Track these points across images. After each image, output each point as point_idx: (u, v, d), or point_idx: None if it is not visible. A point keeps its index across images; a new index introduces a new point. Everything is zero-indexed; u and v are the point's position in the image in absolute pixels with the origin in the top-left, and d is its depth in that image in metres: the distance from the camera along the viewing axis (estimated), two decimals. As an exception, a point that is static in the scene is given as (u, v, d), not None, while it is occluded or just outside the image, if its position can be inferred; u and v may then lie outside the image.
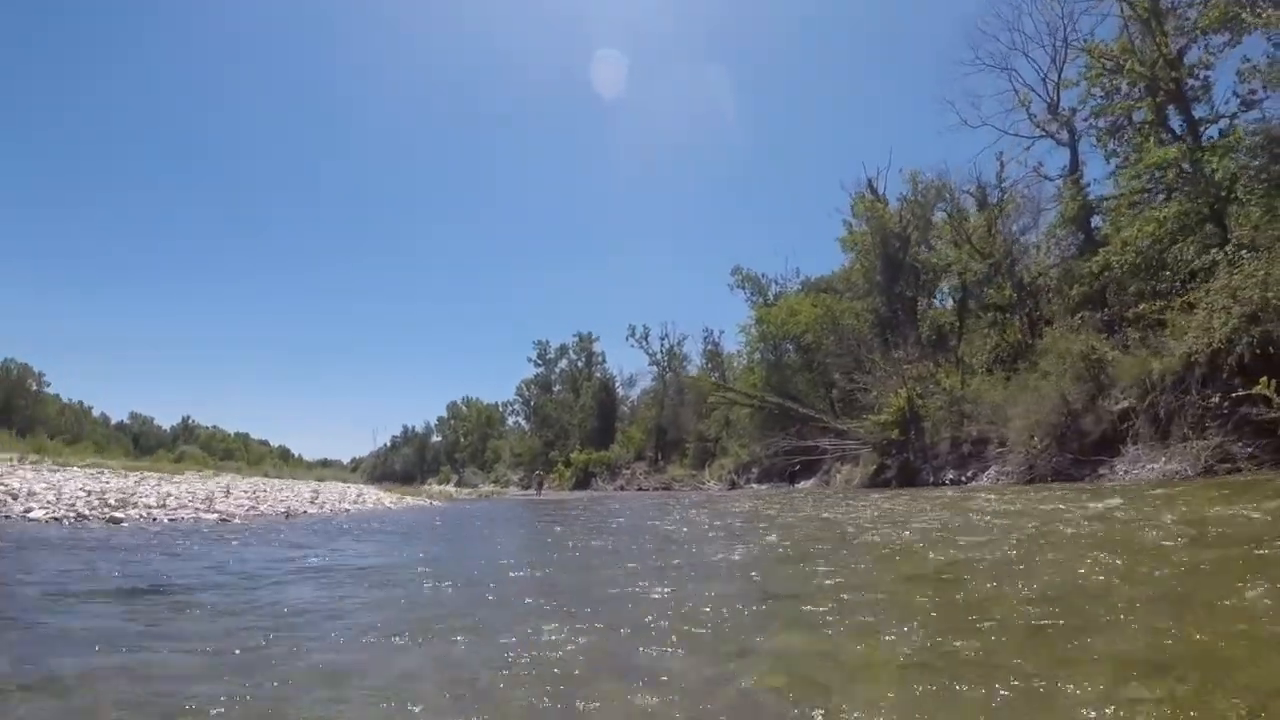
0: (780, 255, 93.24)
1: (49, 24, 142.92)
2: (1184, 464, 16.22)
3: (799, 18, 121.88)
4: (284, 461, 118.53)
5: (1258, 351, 15.39)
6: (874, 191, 38.73)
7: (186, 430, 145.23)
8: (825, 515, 14.71)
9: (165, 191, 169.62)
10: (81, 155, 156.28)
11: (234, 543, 10.70)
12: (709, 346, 63.66)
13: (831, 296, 42.45)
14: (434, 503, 28.63)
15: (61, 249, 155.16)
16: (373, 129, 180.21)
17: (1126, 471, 17.99)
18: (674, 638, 4.48)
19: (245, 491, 20.96)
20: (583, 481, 63.94)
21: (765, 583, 6.78)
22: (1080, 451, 19.75)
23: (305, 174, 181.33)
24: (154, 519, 13.00)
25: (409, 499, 28.67)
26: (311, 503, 20.88)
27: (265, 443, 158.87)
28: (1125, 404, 19.19)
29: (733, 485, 42.56)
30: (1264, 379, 14.03)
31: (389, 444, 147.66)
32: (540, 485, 55.87)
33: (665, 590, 6.21)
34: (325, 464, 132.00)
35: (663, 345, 69.04)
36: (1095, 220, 27.27)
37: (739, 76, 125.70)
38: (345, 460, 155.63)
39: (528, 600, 6.22)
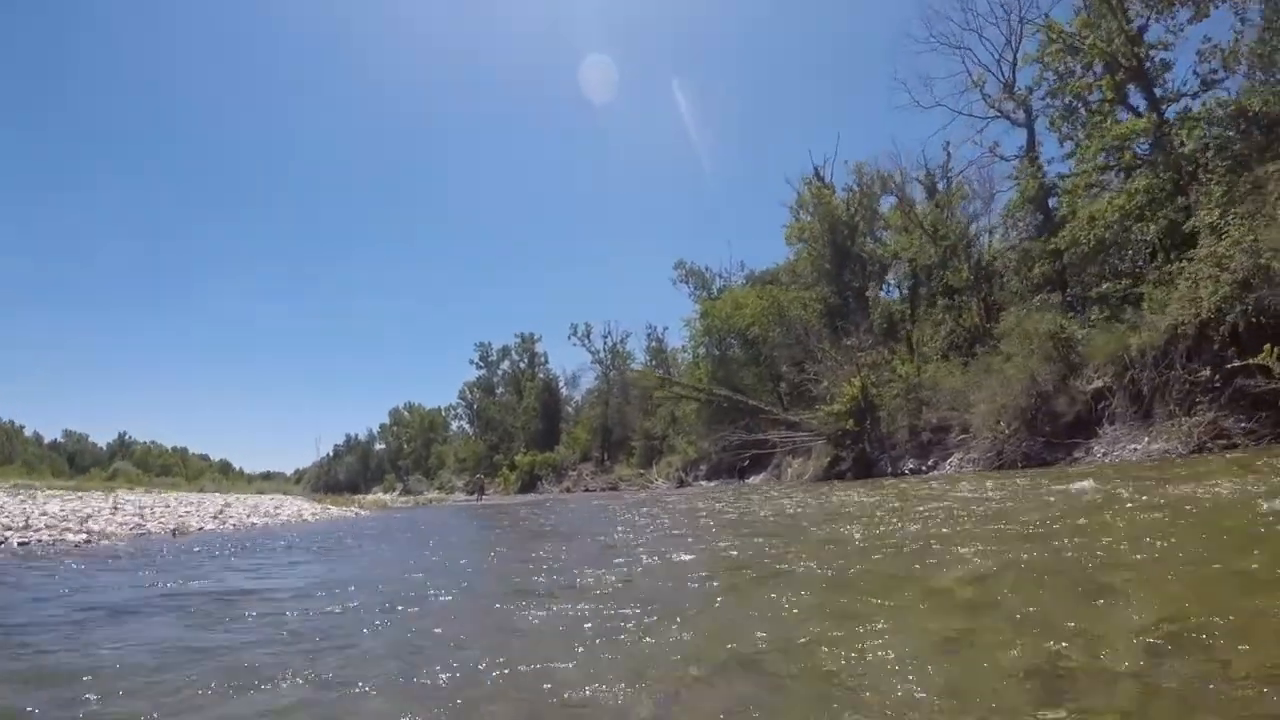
0: (724, 247, 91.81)
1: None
2: (1172, 442, 14.75)
3: (752, 18, 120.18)
4: (224, 475, 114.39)
5: (1253, 320, 13.97)
6: (821, 179, 37.33)
7: (123, 447, 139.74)
8: (785, 512, 13.01)
9: (94, 199, 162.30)
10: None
11: (82, 567, 8.56)
12: (652, 343, 61.97)
13: (778, 288, 40.86)
14: (362, 513, 26.18)
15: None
16: (310, 137, 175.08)
17: (1106, 453, 16.51)
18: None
19: (136, 508, 18.57)
20: (528, 484, 61.68)
21: (731, 618, 4.79)
22: (1053, 434, 18.27)
23: (246, 181, 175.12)
24: (2, 540, 10.74)
25: (334, 510, 26.18)
26: (214, 517, 18.54)
27: (205, 457, 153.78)
28: (1099, 383, 17.76)
29: (681, 483, 40.80)
30: (1268, 347, 12.62)
31: (331, 453, 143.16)
32: (481, 490, 52.77)
33: (587, 642, 4.26)
34: (268, 477, 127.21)
35: (605, 343, 67.00)
36: (1052, 202, 25.95)
37: (692, 72, 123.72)
38: (289, 472, 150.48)
39: (403, 659, 4.22)
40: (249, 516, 19.81)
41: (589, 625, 4.39)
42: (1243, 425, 14.00)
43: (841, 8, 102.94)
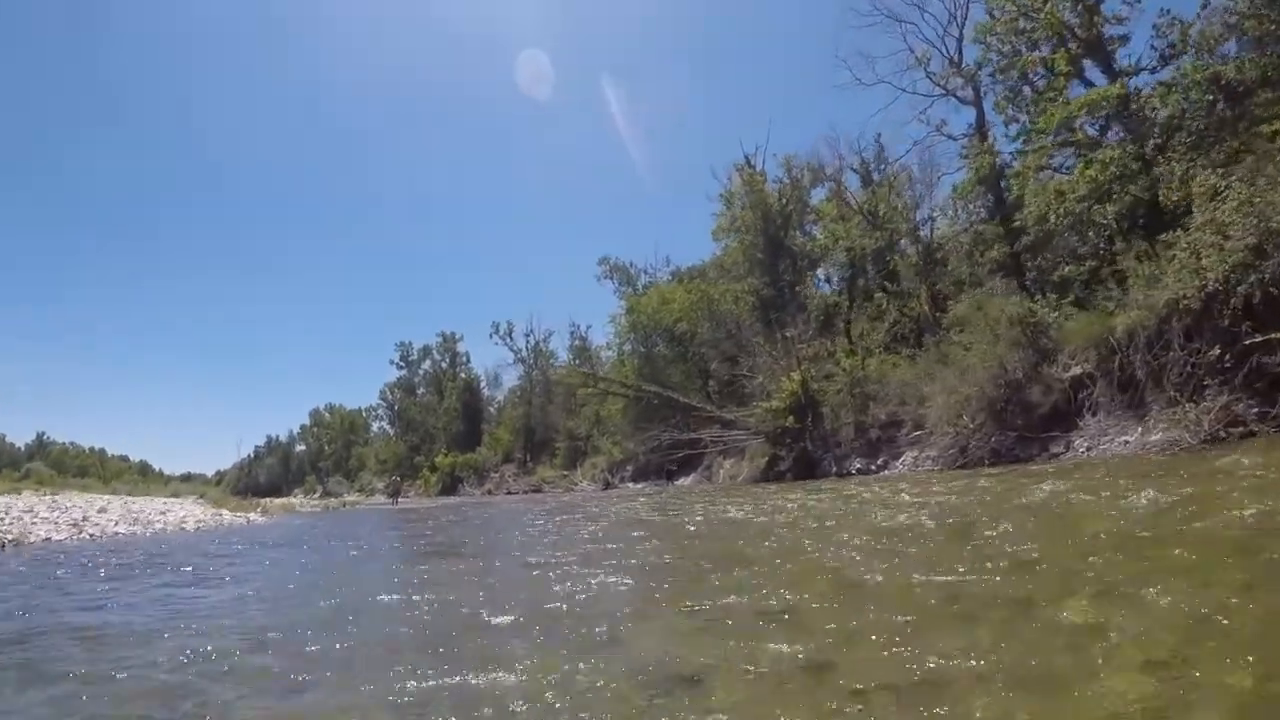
0: (650, 245, 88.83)
1: None
2: (1175, 432, 12.48)
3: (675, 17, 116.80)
4: (142, 477, 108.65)
5: (1271, 291, 11.79)
6: (752, 168, 34.82)
7: (41, 448, 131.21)
8: (725, 516, 10.86)
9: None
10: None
11: None
12: (576, 341, 58.59)
13: (707, 282, 38.25)
14: (258, 519, 22.86)
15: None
16: (230, 134, 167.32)
17: (1090, 447, 14.22)
18: None
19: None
20: (449, 486, 58.00)
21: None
22: (1026, 427, 15.98)
23: (165, 177, 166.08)
24: None
25: (227, 516, 22.84)
26: (73, 525, 15.93)
27: (125, 458, 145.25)
28: (1079, 370, 15.52)
29: (607, 485, 37.94)
30: (1305, 317, 10.47)
31: (252, 455, 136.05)
32: (396, 494, 47.82)
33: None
34: (187, 478, 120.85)
35: (528, 341, 63.33)
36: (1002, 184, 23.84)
37: (623, 67, 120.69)
38: (211, 473, 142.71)
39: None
40: (117, 524, 17.23)
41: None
42: (1256, 410, 11.80)
43: None
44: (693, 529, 10.33)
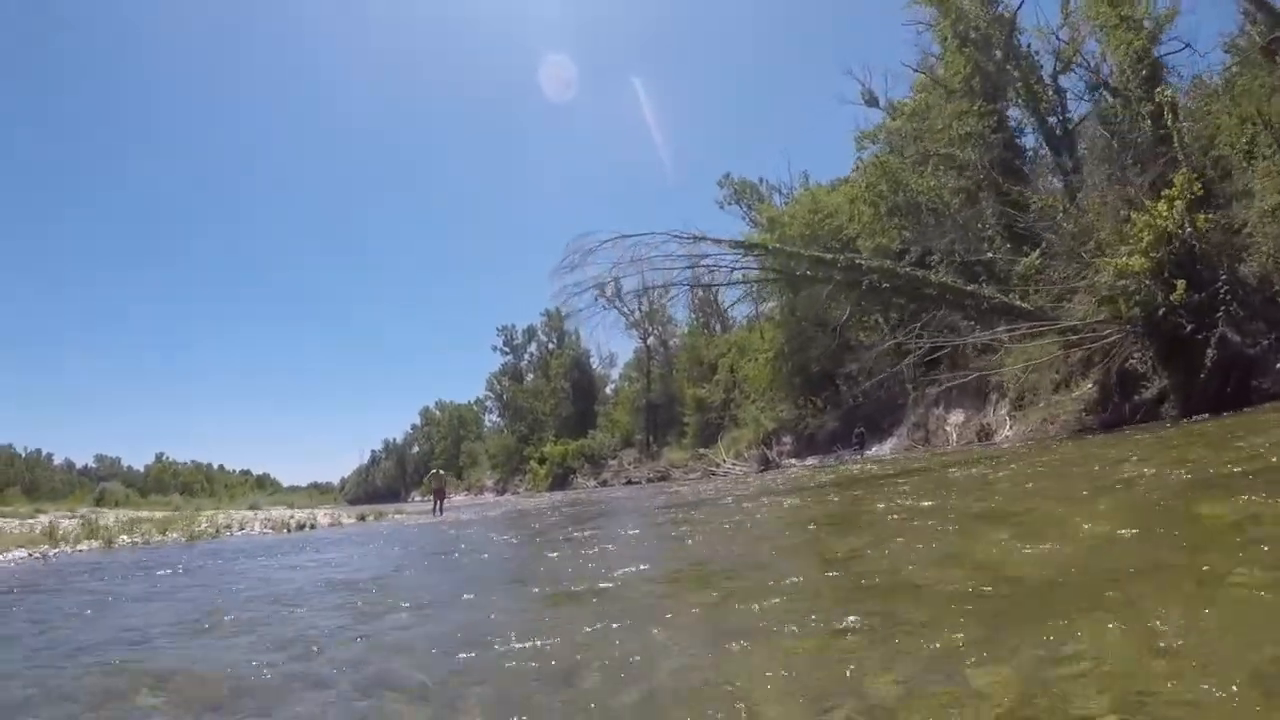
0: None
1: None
2: None
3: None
4: (256, 489, 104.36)
5: None
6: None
7: (161, 468, 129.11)
8: None
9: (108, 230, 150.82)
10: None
11: None
12: (699, 291, 46.46)
13: (887, 157, 25.30)
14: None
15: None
16: (295, 150, 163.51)
17: None
18: None
19: None
20: (561, 479, 47.69)
21: None
22: None
23: (229, 190, 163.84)
24: None
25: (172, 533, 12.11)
26: None
27: (246, 472, 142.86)
28: None
29: (765, 464, 25.72)
30: None
31: (370, 460, 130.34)
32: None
33: None
34: (299, 489, 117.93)
35: (640, 304, 50.91)
36: None
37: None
38: (337, 481, 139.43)
39: None
40: None
41: None
42: None
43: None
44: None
